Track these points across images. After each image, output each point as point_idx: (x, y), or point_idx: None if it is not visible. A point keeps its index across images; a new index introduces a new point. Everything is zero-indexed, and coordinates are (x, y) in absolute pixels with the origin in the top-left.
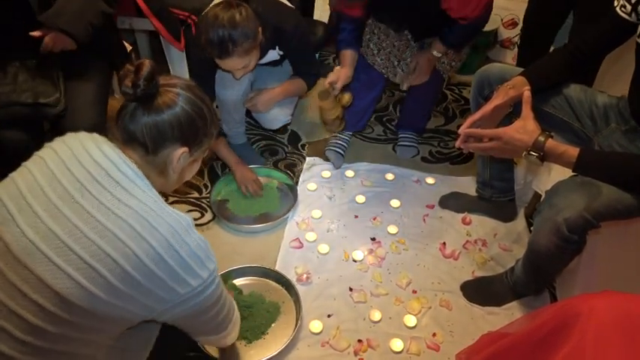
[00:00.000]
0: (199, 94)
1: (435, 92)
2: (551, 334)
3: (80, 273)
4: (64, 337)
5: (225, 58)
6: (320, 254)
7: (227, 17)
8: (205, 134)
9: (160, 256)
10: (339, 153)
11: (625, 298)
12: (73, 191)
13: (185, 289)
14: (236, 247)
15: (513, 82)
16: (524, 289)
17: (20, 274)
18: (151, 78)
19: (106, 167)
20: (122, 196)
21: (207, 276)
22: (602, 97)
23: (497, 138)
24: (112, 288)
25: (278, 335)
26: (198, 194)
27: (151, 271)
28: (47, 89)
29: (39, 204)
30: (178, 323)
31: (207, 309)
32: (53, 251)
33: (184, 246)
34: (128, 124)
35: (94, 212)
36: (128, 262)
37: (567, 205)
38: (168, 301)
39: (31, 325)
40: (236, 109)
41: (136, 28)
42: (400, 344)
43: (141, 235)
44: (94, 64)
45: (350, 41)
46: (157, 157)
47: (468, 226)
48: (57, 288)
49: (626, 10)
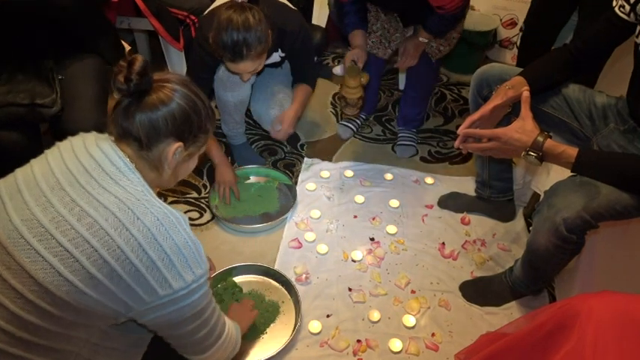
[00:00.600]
0: (194, 89)
1: (428, 76)
2: (550, 335)
3: (59, 260)
4: (45, 330)
5: (239, 61)
6: (319, 254)
7: (242, 20)
8: (200, 129)
9: (141, 247)
10: (350, 128)
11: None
12: (64, 182)
13: (165, 291)
14: (235, 247)
15: (512, 82)
16: (523, 289)
17: (3, 260)
18: (143, 73)
19: (98, 159)
20: (109, 186)
21: (192, 280)
22: (600, 97)
23: (496, 138)
24: (91, 278)
25: (277, 335)
26: (197, 194)
27: (131, 263)
28: (44, 90)
29: (30, 193)
30: (157, 330)
31: (186, 320)
32: (35, 237)
33: (168, 240)
34: (122, 120)
35: (78, 200)
36: (109, 252)
37: (566, 205)
38: (147, 302)
39: (12, 313)
40: (237, 110)
41: (135, 27)
42: (399, 344)
43: (124, 224)
44: (94, 65)
45: (357, 22)
46: (151, 152)
47: (466, 226)
48: (36, 275)
49: (625, 10)
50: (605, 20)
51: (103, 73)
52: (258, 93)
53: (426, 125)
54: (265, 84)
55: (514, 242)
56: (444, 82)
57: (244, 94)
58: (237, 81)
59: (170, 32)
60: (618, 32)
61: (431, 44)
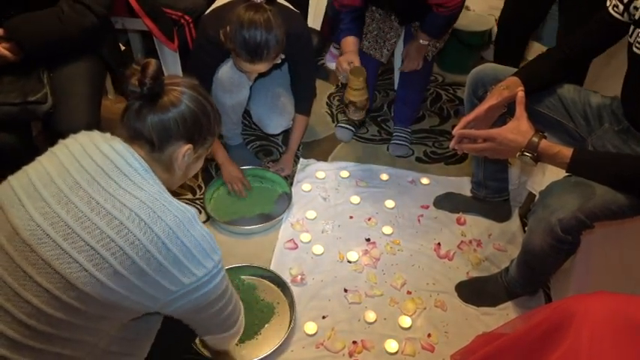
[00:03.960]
0: (203, 92)
1: (424, 73)
2: (546, 335)
3: (87, 258)
4: (68, 323)
5: (257, 62)
6: (315, 255)
7: (264, 21)
8: (209, 131)
9: (165, 245)
10: (350, 130)
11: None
12: (82, 182)
13: (190, 279)
14: (230, 249)
15: (507, 82)
16: (518, 289)
17: (28, 257)
18: (156, 76)
19: (115, 160)
20: (129, 187)
21: (212, 267)
22: (595, 98)
23: (491, 139)
24: (118, 275)
25: (271, 336)
26: (192, 195)
27: (157, 260)
28: (34, 86)
29: (48, 192)
30: (184, 317)
31: (212, 302)
32: (61, 236)
33: (189, 236)
34: (134, 122)
35: (101, 201)
36: (134, 251)
37: (561, 205)
38: (173, 292)
39: (35, 307)
40: (234, 112)
41: (129, 28)
42: (395, 345)
43: (147, 224)
44: (88, 64)
45: (352, 29)
46: (162, 153)
47: (462, 226)
48: (63, 272)
49: (619, 10)
50: (599, 20)
51: (97, 74)
52: (258, 96)
53: (422, 125)
54: (266, 87)
55: (510, 242)
56: (440, 82)
57: (242, 96)
58: (236, 83)
59: (164, 32)
60: (612, 32)
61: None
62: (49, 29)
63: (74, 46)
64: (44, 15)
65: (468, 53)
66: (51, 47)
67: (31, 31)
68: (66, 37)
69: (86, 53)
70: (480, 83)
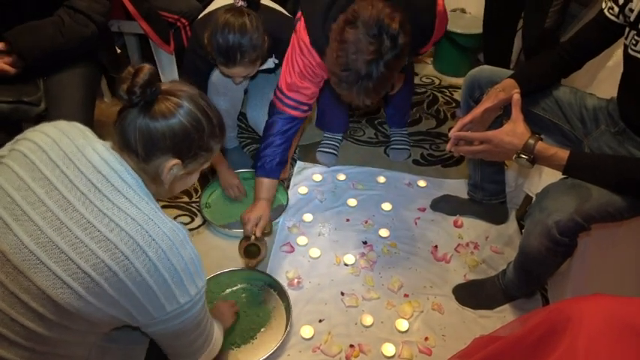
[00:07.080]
0: (202, 105)
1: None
2: (542, 338)
3: (79, 283)
4: (63, 341)
5: (232, 66)
6: (311, 258)
7: (238, 25)
8: (201, 147)
9: (155, 267)
10: (332, 153)
11: (616, 301)
12: (74, 200)
13: (172, 307)
14: (226, 252)
15: (503, 84)
16: (515, 291)
17: (21, 283)
18: (147, 84)
19: (107, 174)
20: (122, 204)
21: (195, 294)
22: (591, 100)
23: (487, 141)
24: (106, 296)
25: (267, 340)
26: (188, 199)
27: (146, 283)
28: (30, 90)
29: (37, 213)
30: (157, 340)
31: (187, 331)
32: (54, 263)
33: (179, 258)
34: (121, 128)
35: (95, 222)
36: (126, 274)
37: (558, 207)
38: (154, 317)
39: (32, 331)
40: (228, 115)
41: (125, 31)
42: (392, 349)
43: (140, 246)
44: (82, 67)
45: (274, 169)
46: (148, 165)
47: (459, 228)
48: (56, 297)
49: (614, 12)
50: (595, 22)
51: (92, 78)
52: (254, 99)
53: (419, 128)
54: (261, 90)
55: (507, 245)
56: (436, 84)
57: (237, 100)
58: (230, 86)
59: (160, 35)
60: (608, 34)
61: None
62: (50, 40)
63: (74, 54)
64: (45, 26)
65: (464, 56)
66: (52, 57)
67: (32, 43)
68: (67, 48)
69: (81, 55)
70: (477, 85)
